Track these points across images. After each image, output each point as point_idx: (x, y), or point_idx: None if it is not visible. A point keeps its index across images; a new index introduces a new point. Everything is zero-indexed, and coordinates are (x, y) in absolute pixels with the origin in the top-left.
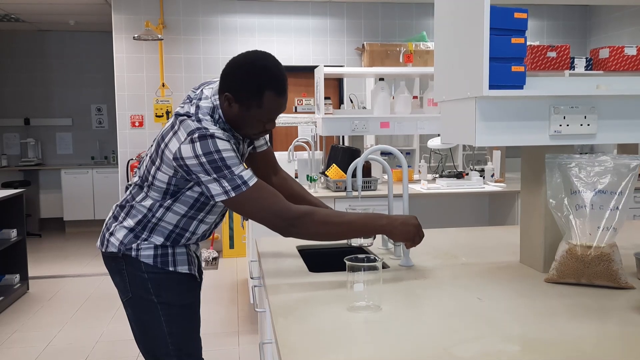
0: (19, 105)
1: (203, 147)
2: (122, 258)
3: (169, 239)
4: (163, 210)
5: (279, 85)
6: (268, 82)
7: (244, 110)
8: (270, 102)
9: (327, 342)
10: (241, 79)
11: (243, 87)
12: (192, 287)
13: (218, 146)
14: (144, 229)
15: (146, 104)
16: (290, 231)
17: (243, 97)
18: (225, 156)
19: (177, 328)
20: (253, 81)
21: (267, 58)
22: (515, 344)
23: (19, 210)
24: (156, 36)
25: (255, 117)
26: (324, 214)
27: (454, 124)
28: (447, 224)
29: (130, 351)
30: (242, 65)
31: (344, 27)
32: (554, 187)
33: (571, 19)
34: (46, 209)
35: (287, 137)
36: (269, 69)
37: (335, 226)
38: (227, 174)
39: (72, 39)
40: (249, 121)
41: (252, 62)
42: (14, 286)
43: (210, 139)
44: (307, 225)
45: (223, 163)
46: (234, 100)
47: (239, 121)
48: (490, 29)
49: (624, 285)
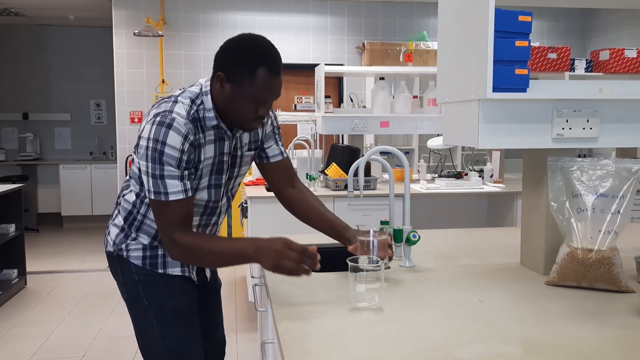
0: (17, 99)
1: (155, 132)
2: (117, 258)
3: (156, 238)
4: (145, 207)
5: (273, 63)
6: (262, 59)
7: (236, 89)
8: (263, 80)
9: (330, 342)
10: (234, 56)
11: (236, 64)
12: (186, 289)
13: (167, 138)
14: (131, 227)
15: (146, 100)
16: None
17: (236, 74)
18: (166, 151)
19: (170, 331)
20: (246, 57)
21: (261, 38)
22: (516, 346)
23: (17, 205)
24: (156, 32)
25: (247, 97)
26: (195, 246)
27: (457, 125)
28: (446, 224)
29: (128, 347)
30: (236, 43)
31: (344, 25)
32: (556, 190)
33: (571, 20)
34: (44, 204)
35: (287, 135)
36: (264, 46)
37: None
38: (157, 169)
39: (72, 34)
40: (241, 102)
41: (245, 40)
42: (12, 281)
43: (165, 128)
44: (179, 253)
45: (159, 157)
46: (226, 79)
47: (230, 103)
48: (495, 32)
49: (625, 289)
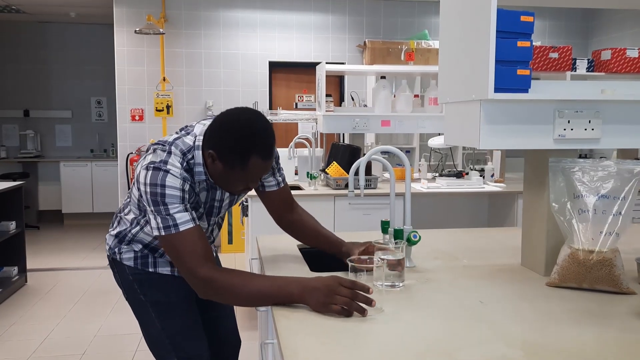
0: (18, 96)
1: (152, 177)
2: (113, 262)
3: (147, 247)
4: (138, 228)
5: (266, 150)
6: (254, 148)
7: (228, 170)
8: (255, 166)
9: (330, 343)
10: (227, 141)
11: (228, 149)
12: (177, 285)
13: (165, 181)
14: (122, 241)
15: (146, 98)
16: (198, 292)
17: (228, 158)
18: (167, 193)
19: (170, 323)
20: (239, 145)
21: (255, 121)
22: (517, 348)
23: (17, 202)
24: (158, 30)
25: (238, 178)
26: (228, 284)
27: (458, 125)
28: (446, 224)
29: (128, 345)
30: (229, 127)
31: (345, 24)
32: (557, 191)
33: (573, 20)
34: (45, 201)
35: (287, 133)
36: (256, 134)
37: (239, 297)
38: (162, 210)
39: (73, 31)
40: (232, 180)
41: (240, 126)
42: (12, 278)
43: (162, 172)
44: (212, 292)
45: (162, 199)
46: (217, 159)
47: (221, 179)
48: (497, 32)
49: (626, 291)
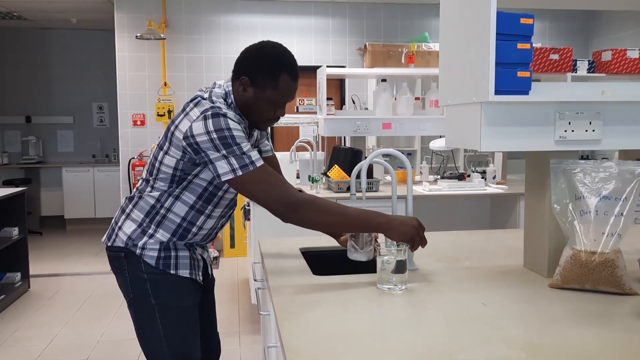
0: (20, 102)
1: (215, 123)
2: (125, 257)
3: (175, 234)
4: (172, 200)
5: (294, 70)
6: (284, 66)
7: (259, 93)
8: (285, 84)
9: (333, 346)
10: (259, 62)
11: (261, 69)
12: (192, 290)
13: (229, 124)
14: (152, 221)
15: (148, 103)
16: (290, 217)
17: (259, 79)
18: (235, 134)
19: (174, 330)
20: (270, 64)
21: (282, 45)
22: (520, 350)
23: (20, 208)
24: (158, 35)
25: (269, 99)
26: (326, 204)
27: (459, 128)
28: (448, 226)
29: (131, 350)
30: (259, 50)
31: (346, 27)
32: (559, 193)
33: (573, 21)
34: (47, 207)
35: (289, 137)
36: (285, 54)
37: (335, 217)
38: (236, 150)
39: (74, 37)
40: (262, 105)
41: (268, 47)
42: (15, 284)
43: (222, 117)
44: (308, 212)
45: (233, 140)
46: (249, 83)
47: (252, 106)
48: (497, 34)
49: (628, 292)
